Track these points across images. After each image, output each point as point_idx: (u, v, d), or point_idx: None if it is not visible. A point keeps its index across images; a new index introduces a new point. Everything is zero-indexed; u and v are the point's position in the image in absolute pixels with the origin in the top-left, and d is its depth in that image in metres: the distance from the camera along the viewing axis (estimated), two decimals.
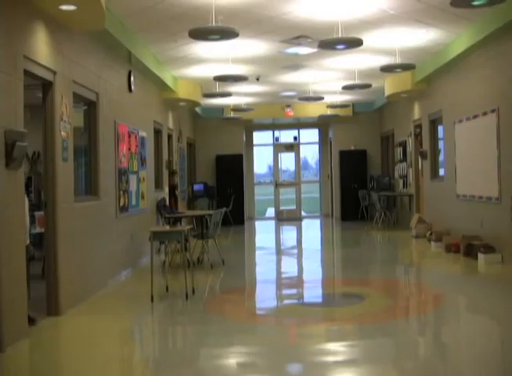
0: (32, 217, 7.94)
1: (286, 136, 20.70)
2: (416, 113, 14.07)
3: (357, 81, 12.83)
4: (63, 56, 6.85)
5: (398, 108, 15.73)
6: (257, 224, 19.05)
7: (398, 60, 10.49)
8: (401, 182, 15.83)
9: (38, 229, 7.95)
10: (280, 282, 9.21)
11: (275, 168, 20.71)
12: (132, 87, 9.84)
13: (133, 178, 9.80)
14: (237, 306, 7.40)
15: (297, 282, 9.22)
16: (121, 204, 9.08)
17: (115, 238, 8.75)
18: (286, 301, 7.99)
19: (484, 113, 9.69)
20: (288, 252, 12.75)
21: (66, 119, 6.89)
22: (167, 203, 12.56)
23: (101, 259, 8.03)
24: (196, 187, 17.17)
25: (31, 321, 6.06)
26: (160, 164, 12.53)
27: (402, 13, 8.35)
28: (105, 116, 8.38)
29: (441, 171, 12.56)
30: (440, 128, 12.57)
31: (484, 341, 5.50)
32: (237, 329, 6.20)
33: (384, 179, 17.07)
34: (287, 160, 21.26)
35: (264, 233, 17.24)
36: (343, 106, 16.72)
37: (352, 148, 18.54)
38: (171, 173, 13.27)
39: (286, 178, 21.92)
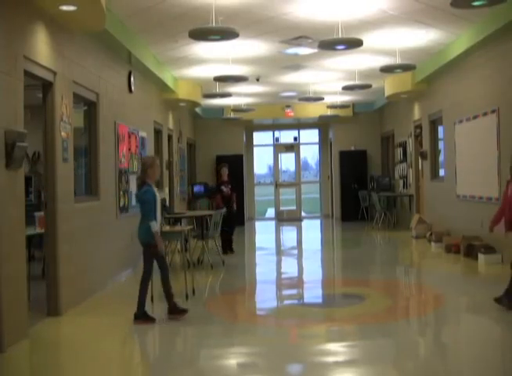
0: (32, 217, 7.93)
1: (287, 137, 20.69)
2: (416, 113, 14.07)
3: (357, 82, 12.82)
4: (63, 57, 6.85)
5: (398, 108, 15.73)
6: (258, 224, 19.04)
7: (398, 61, 10.48)
8: (401, 182, 15.83)
9: (38, 230, 7.94)
10: (280, 282, 9.21)
11: (275, 168, 20.71)
12: (132, 87, 9.84)
13: (133, 179, 9.78)
14: (237, 307, 7.40)
15: (298, 282, 9.22)
16: (121, 205, 9.08)
17: (115, 238, 8.75)
18: (286, 302, 7.99)
19: (485, 114, 9.69)
20: (288, 253, 12.75)
21: (67, 119, 6.89)
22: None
23: (101, 260, 8.03)
24: (197, 188, 17.17)
25: (183, 311, 6.27)
26: (160, 165, 12.50)
27: (402, 14, 8.35)
28: (105, 116, 8.38)
29: (442, 172, 12.56)
30: (440, 129, 12.57)
31: (484, 341, 5.50)
32: (237, 329, 6.20)
33: (384, 180, 17.06)
34: (287, 161, 21.27)
35: (264, 233, 17.24)
36: (343, 106, 16.73)
37: (352, 148, 18.54)
38: (221, 167, 11.82)
39: (286, 179, 21.92)
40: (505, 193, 6.64)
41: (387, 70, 10.38)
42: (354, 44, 8.25)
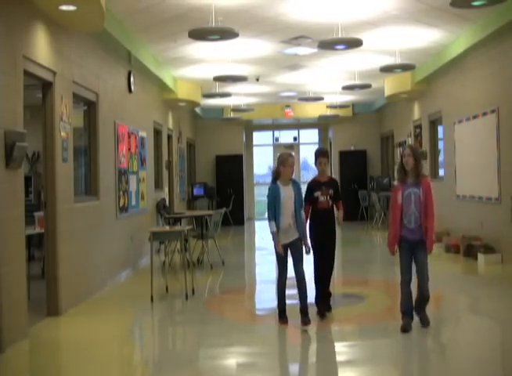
0: (32, 217, 7.93)
1: (286, 137, 20.70)
2: (416, 113, 14.07)
3: (357, 82, 12.83)
4: (62, 57, 6.85)
5: (398, 108, 15.73)
6: (257, 224, 19.02)
7: (398, 61, 10.48)
8: None
9: (38, 230, 7.95)
10: None
11: None
12: (132, 87, 9.84)
13: (133, 179, 9.80)
14: (237, 306, 7.39)
15: None
16: (121, 205, 9.07)
17: (115, 238, 8.75)
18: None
19: (484, 114, 9.69)
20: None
21: (66, 119, 6.89)
22: None
23: (101, 259, 8.02)
24: (196, 190, 17.16)
25: (306, 322, 5.89)
26: (159, 165, 12.53)
27: (402, 13, 8.35)
28: (105, 116, 8.38)
29: (441, 172, 12.56)
30: (440, 129, 12.57)
31: (484, 341, 5.50)
32: (237, 329, 6.19)
33: (384, 180, 17.06)
34: None
35: (264, 233, 17.21)
36: (343, 106, 16.73)
37: (352, 148, 18.54)
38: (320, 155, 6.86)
39: None
40: (395, 202, 5.78)
41: (387, 70, 10.39)
42: (354, 44, 8.25)
